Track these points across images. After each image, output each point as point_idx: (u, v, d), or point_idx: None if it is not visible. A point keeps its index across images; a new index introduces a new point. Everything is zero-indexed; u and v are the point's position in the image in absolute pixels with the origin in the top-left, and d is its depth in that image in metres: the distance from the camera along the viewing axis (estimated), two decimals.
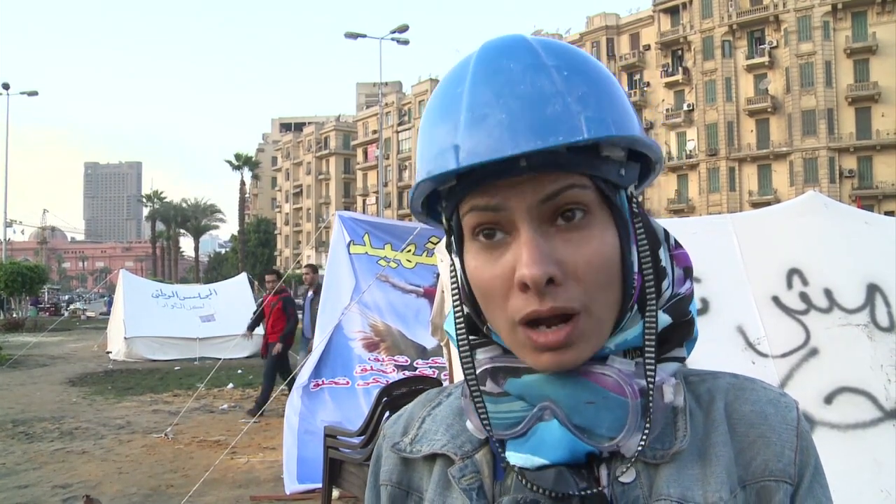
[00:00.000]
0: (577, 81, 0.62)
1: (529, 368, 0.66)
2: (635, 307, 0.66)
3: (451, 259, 0.71)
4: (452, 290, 0.71)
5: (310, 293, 9.46)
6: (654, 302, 0.65)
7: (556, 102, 0.59)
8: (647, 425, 0.63)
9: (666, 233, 0.73)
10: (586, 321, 0.62)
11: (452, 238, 0.69)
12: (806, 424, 0.70)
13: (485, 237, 0.64)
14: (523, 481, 0.65)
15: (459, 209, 0.66)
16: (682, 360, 0.71)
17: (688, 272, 0.74)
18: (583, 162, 0.62)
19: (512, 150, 0.58)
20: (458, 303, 0.71)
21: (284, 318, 9.48)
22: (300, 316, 9.81)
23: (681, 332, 0.70)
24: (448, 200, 0.67)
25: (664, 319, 0.68)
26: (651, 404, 0.63)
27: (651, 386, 0.64)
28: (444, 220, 0.71)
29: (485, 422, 0.67)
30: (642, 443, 0.63)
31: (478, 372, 0.69)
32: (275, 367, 9.26)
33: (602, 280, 0.62)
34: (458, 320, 0.71)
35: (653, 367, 0.64)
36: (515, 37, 0.65)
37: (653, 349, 0.65)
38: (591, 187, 0.62)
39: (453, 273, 0.71)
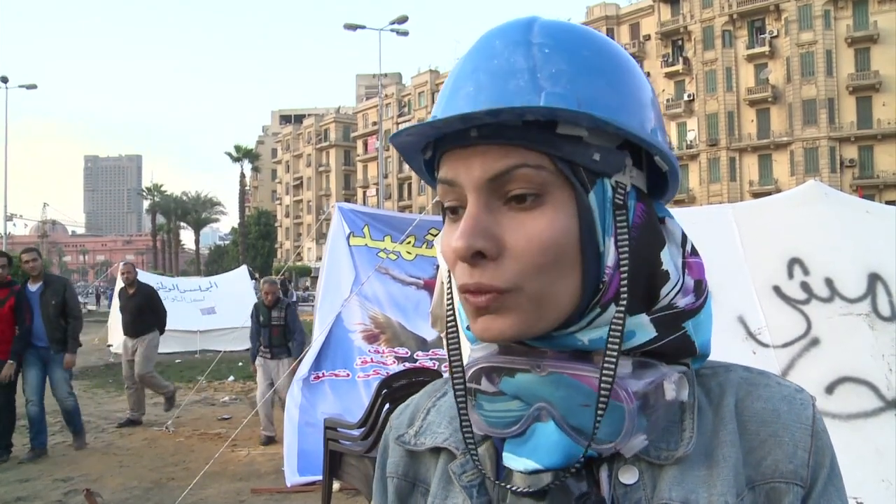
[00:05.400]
0: (557, 59, 0.60)
1: (524, 368, 0.64)
2: (612, 305, 0.62)
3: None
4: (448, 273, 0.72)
5: (37, 285, 6.97)
6: (624, 301, 0.61)
7: (521, 77, 0.60)
8: (597, 425, 0.59)
9: (684, 236, 0.69)
10: (515, 297, 0.60)
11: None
12: (822, 423, 0.66)
13: (451, 213, 0.65)
14: (519, 488, 0.64)
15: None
16: (686, 366, 0.67)
17: (699, 286, 0.68)
18: (538, 137, 0.59)
19: (456, 111, 0.59)
20: (450, 287, 0.71)
21: (14, 322, 6.65)
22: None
23: (677, 348, 0.65)
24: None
25: (648, 333, 0.63)
26: (601, 406, 0.59)
27: (604, 389, 0.59)
28: None
29: (465, 423, 0.66)
30: (591, 434, 0.60)
31: (473, 370, 0.67)
32: (12, 392, 6.74)
33: (541, 262, 0.60)
34: (448, 306, 0.70)
35: (610, 373, 0.59)
36: (524, 17, 0.65)
37: (614, 354, 0.60)
38: (547, 168, 0.60)
39: None
